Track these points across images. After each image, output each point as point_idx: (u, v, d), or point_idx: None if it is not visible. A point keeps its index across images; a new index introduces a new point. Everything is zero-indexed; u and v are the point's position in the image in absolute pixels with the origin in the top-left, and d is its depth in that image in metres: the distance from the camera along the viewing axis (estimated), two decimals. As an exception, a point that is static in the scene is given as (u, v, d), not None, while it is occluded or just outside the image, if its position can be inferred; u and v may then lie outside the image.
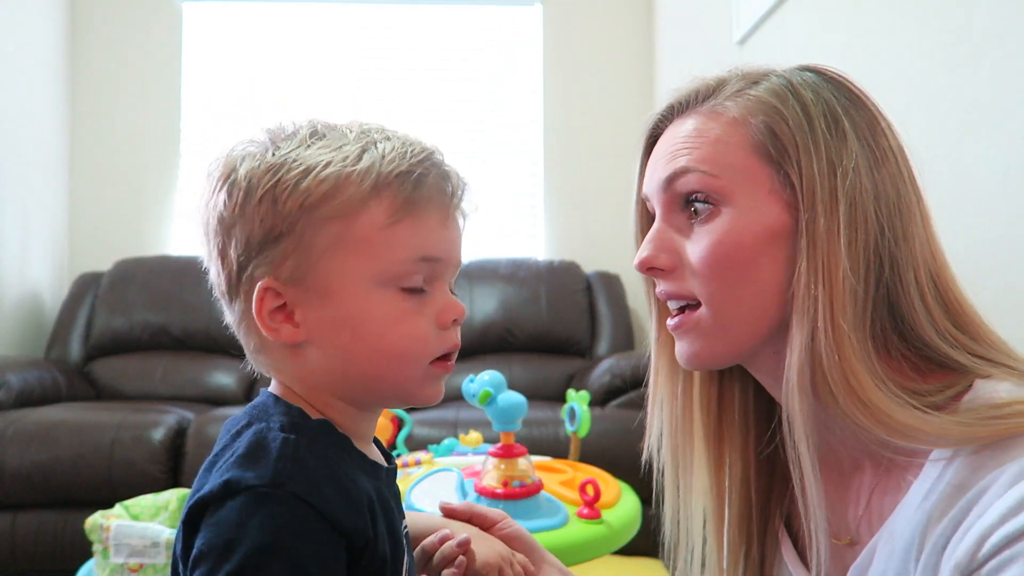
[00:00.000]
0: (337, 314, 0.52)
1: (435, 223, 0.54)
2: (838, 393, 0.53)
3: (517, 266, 3.07)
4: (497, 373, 1.22)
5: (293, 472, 0.47)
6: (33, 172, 3.01)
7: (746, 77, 0.61)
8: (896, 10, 1.47)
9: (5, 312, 2.78)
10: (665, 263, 0.61)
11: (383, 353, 0.52)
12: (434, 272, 0.54)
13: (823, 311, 0.54)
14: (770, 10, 2.02)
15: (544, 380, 2.76)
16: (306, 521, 0.46)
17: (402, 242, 0.52)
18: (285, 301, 0.52)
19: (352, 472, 0.51)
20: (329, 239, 0.51)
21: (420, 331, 0.53)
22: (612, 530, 1.17)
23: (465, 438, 1.51)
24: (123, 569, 1.38)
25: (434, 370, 0.55)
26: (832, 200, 0.55)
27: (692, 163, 0.59)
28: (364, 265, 0.51)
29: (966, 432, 0.49)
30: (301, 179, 0.51)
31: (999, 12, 1.18)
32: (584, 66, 3.39)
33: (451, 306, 0.55)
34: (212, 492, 0.46)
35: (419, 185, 0.52)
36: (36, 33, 3.03)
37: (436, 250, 0.54)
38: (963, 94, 1.26)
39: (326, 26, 3.38)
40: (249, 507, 0.45)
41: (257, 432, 0.49)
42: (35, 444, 2.14)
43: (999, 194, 1.17)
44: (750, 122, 0.58)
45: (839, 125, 0.57)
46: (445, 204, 0.55)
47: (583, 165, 3.33)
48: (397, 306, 0.52)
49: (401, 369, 0.53)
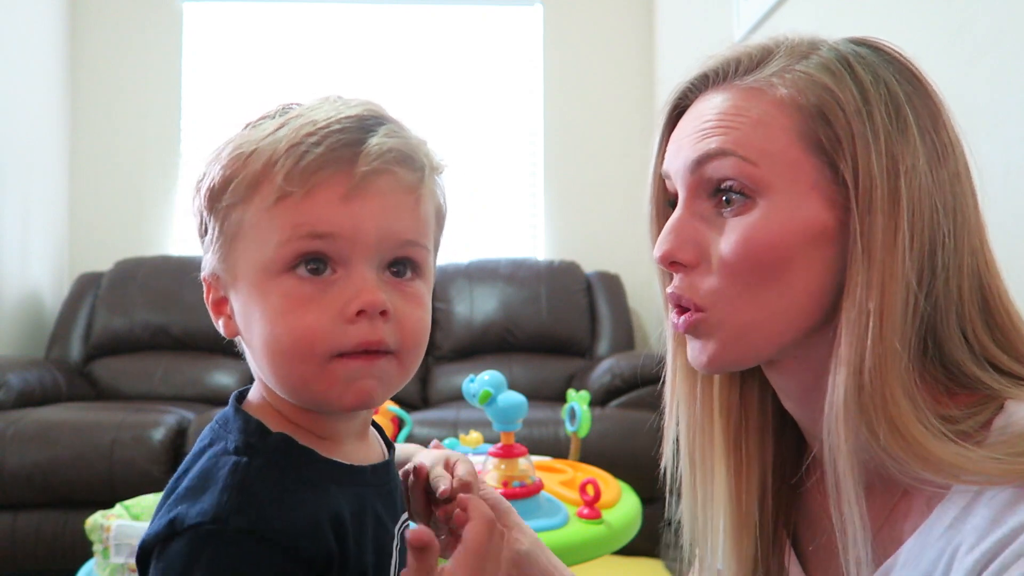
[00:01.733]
0: (244, 306, 0.48)
1: (331, 195, 0.46)
2: (876, 422, 0.48)
3: (517, 266, 3.07)
4: (497, 373, 1.21)
5: (238, 504, 0.43)
6: (33, 172, 3.01)
7: (794, 50, 0.53)
8: (896, 10, 1.47)
9: (5, 312, 2.78)
10: (689, 257, 0.54)
11: (271, 349, 0.47)
12: (337, 250, 0.46)
13: (873, 327, 0.48)
14: (770, 10, 2.02)
15: (544, 380, 2.76)
16: (256, 556, 0.43)
17: (286, 220, 0.46)
18: (223, 293, 0.50)
19: (315, 489, 0.47)
20: (233, 227, 0.47)
21: (307, 322, 0.45)
22: (612, 530, 1.17)
23: (465, 438, 1.51)
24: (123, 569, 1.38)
25: (339, 365, 0.46)
26: (894, 204, 0.49)
27: (729, 145, 0.52)
28: (254, 251, 0.47)
29: (1004, 470, 0.45)
30: (210, 168, 0.48)
31: (998, 12, 1.18)
32: (584, 66, 3.39)
33: (358, 293, 0.46)
34: (156, 534, 0.44)
35: (307, 154, 0.45)
36: (36, 33, 3.03)
37: (330, 224, 0.46)
38: (963, 94, 1.26)
39: (326, 26, 3.38)
40: (193, 549, 0.42)
41: (211, 456, 0.47)
42: (35, 444, 2.14)
43: (999, 194, 1.17)
44: (799, 104, 0.51)
45: (900, 114, 0.50)
46: (348, 174, 0.46)
47: (583, 165, 3.33)
48: (288, 294, 0.46)
49: (293, 367, 0.46)
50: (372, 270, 0.47)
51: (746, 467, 0.63)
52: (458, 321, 2.94)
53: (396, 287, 0.49)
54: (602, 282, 3.08)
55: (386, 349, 0.47)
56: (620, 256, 3.14)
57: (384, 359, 0.48)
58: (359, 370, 0.47)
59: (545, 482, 1.23)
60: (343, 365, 0.46)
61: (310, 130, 0.46)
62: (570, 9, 3.40)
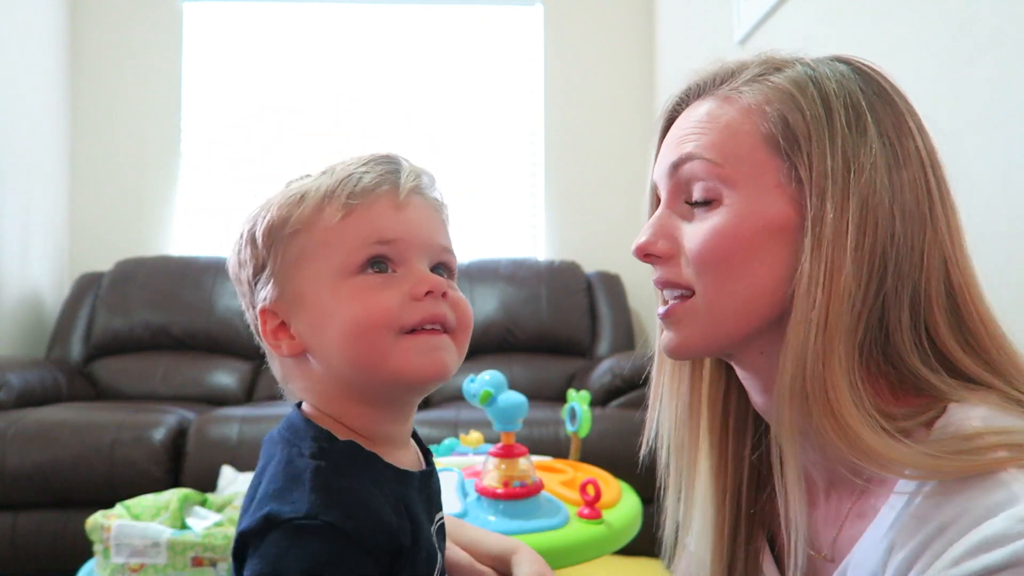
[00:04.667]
0: (315, 315, 0.55)
1: (386, 208, 0.56)
2: (814, 402, 0.51)
3: (518, 266, 3.07)
4: (498, 373, 1.21)
5: (326, 502, 0.49)
6: (34, 172, 3.01)
7: (768, 63, 0.58)
8: (897, 9, 1.47)
9: (6, 312, 2.78)
10: (662, 250, 0.59)
11: (349, 332, 0.54)
12: (399, 253, 0.56)
13: (818, 316, 0.51)
14: (771, 9, 2.02)
15: (545, 380, 2.76)
16: (341, 549, 0.48)
17: (354, 231, 0.55)
18: (281, 318, 0.57)
19: (382, 490, 0.53)
20: (295, 252, 0.56)
21: (381, 302, 0.54)
22: (613, 530, 1.17)
23: (466, 438, 1.51)
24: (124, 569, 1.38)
25: (412, 341, 0.54)
26: (843, 198, 0.52)
27: (697, 149, 0.57)
28: (326, 263, 0.55)
29: (932, 464, 0.47)
30: (268, 212, 0.57)
31: (999, 12, 1.18)
32: (585, 66, 3.39)
33: (423, 279, 0.55)
34: (252, 527, 0.49)
35: (363, 179, 0.56)
36: (37, 33, 3.03)
37: (391, 231, 0.55)
38: (963, 94, 1.26)
39: (326, 26, 3.38)
40: (287, 540, 0.48)
41: (290, 459, 0.53)
42: (36, 444, 2.15)
43: (1000, 194, 1.17)
44: (764, 110, 0.55)
45: (861, 120, 0.54)
46: (396, 191, 0.56)
47: (584, 165, 3.33)
48: (359, 287, 0.54)
49: (371, 344, 0.53)
50: (425, 267, 0.57)
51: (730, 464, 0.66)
52: (458, 321, 2.93)
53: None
54: (602, 282, 3.08)
55: (447, 326, 0.56)
56: (620, 256, 3.13)
57: (445, 336, 0.56)
58: (429, 342, 0.55)
59: (545, 482, 1.23)
60: (414, 339, 0.54)
61: (356, 166, 0.57)
62: (570, 9, 3.40)
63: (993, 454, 0.46)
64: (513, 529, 1.11)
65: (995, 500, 0.44)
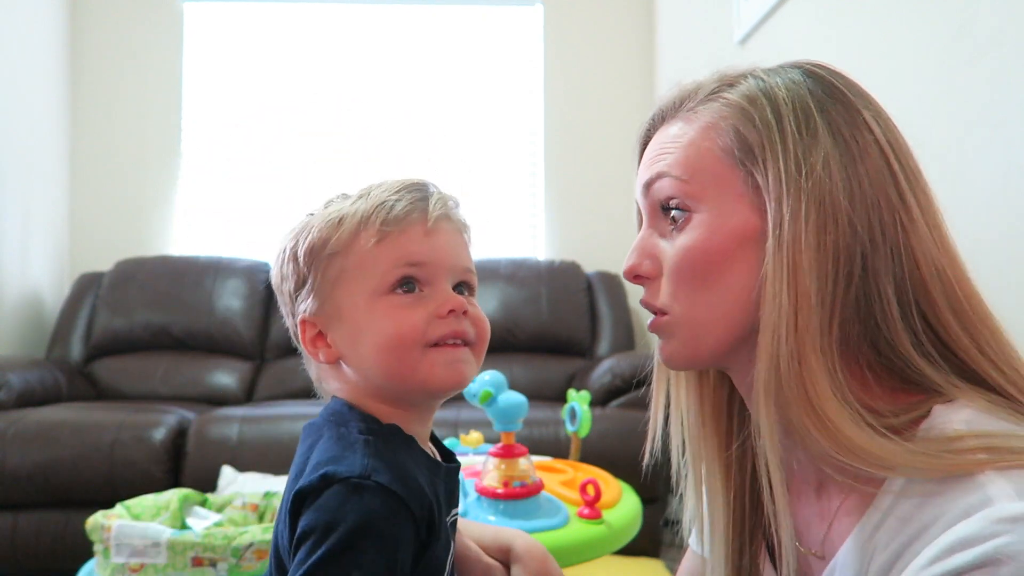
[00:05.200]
0: (351, 328, 0.62)
1: (417, 234, 0.62)
2: (792, 400, 0.52)
3: (518, 266, 3.07)
4: (498, 373, 1.21)
5: (378, 466, 0.55)
6: (34, 172, 3.01)
7: (722, 79, 0.61)
8: (897, 9, 1.47)
9: (6, 312, 2.79)
10: (648, 270, 0.62)
11: (382, 346, 0.60)
12: (427, 274, 0.62)
13: (787, 316, 0.52)
14: (771, 10, 2.02)
15: (545, 380, 2.76)
16: (391, 507, 0.54)
17: (387, 255, 0.61)
18: (320, 329, 0.63)
19: (417, 469, 0.59)
20: (335, 271, 0.62)
21: (410, 320, 0.60)
22: (613, 530, 1.17)
23: (466, 438, 1.51)
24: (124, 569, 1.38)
25: (437, 354, 0.61)
26: (798, 200, 0.53)
27: (664, 168, 0.60)
28: (362, 283, 0.62)
29: (914, 463, 0.48)
30: (310, 233, 0.63)
31: (1000, 12, 1.18)
32: (585, 66, 3.39)
33: (448, 299, 0.61)
34: (311, 483, 0.54)
35: (396, 206, 0.62)
36: (37, 33, 3.03)
37: (420, 255, 0.62)
38: (964, 94, 1.26)
39: (326, 26, 3.38)
40: (345, 494, 0.54)
41: (340, 435, 0.59)
42: (36, 444, 2.15)
43: (1000, 194, 1.17)
44: (720, 126, 0.58)
45: (810, 122, 0.56)
46: (425, 217, 0.63)
47: (584, 165, 3.33)
48: (391, 306, 0.61)
49: (401, 356, 0.60)
50: (449, 287, 0.63)
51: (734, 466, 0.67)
52: (458, 321, 2.93)
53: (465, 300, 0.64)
54: (602, 282, 3.08)
55: (468, 340, 0.63)
56: (620, 256, 3.06)
57: (466, 349, 0.63)
58: (451, 355, 0.62)
59: (546, 482, 1.23)
60: (439, 352, 0.61)
61: (388, 193, 0.63)
62: (570, 9, 3.40)
63: (972, 456, 0.47)
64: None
65: (970, 502, 0.45)
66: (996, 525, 0.43)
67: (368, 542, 0.52)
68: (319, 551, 0.51)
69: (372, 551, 0.52)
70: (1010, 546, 0.42)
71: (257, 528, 1.35)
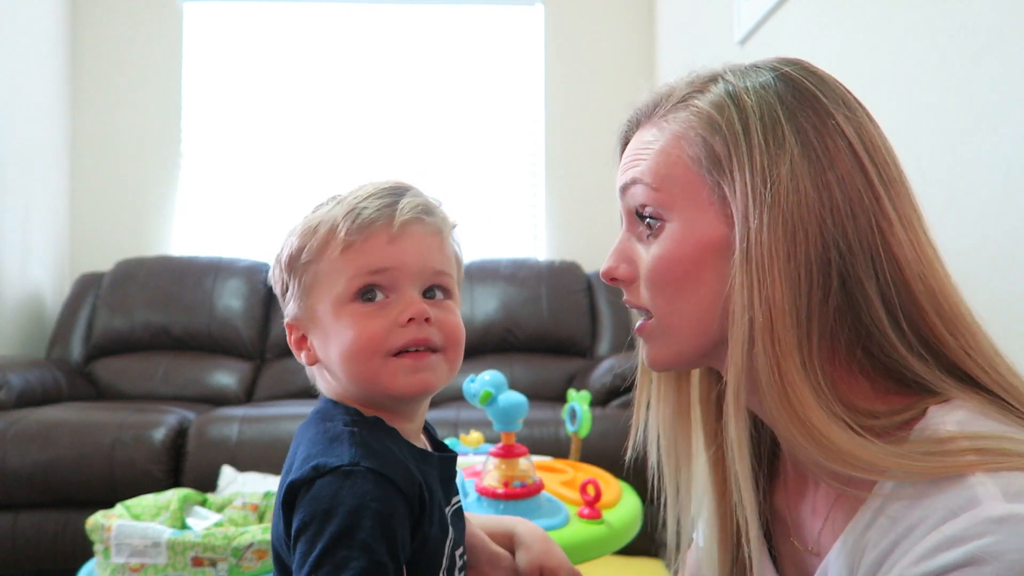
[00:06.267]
0: (323, 334, 0.64)
1: (380, 241, 0.62)
2: (779, 412, 0.52)
3: (518, 266, 3.07)
4: (498, 373, 1.21)
5: (365, 453, 0.57)
6: (34, 172, 3.01)
7: (693, 83, 0.61)
8: (897, 9, 1.47)
9: (6, 312, 2.78)
10: (624, 274, 0.63)
11: (345, 354, 0.62)
12: (390, 281, 0.62)
13: (762, 327, 0.52)
14: (771, 10, 2.02)
15: (545, 380, 2.76)
16: (383, 488, 0.56)
17: (351, 263, 0.62)
18: (302, 332, 0.66)
19: (403, 454, 0.60)
20: (310, 278, 0.64)
21: (370, 329, 0.61)
22: (613, 530, 1.17)
23: (466, 438, 1.51)
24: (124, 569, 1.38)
25: (399, 363, 0.62)
26: (763, 212, 0.53)
27: (637, 174, 0.60)
28: (330, 291, 0.63)
29: (902, 465, 0.48)
30: (291, 240, 0.65)
31: (1000, 10, 1.17)
32: (585, 66, 3.39)
33: (408, 307, 0.62)
34: (303, 476, 0.56)
35: (362, 214, 0.62)
36: (37, 33, 3.03)
37: (382, 262, 0.62)
38: (964, 93, 1.26)
39: (326, 26, 3.38)
40: (337, 482, 0.55)
41: (326, 429, 0.60)
42: (36, 444, 2.15)
43: (1000, 193, 1.17)
44: (688, 135, 0.58)
45: (777, 130, 0.55)
46: (391, 224, 0.62)
47: (584, 165, 3.33)
48: (354, 315, 0.62)
49: (364, 365, 0.61)
50: (416, 293, 0.63)
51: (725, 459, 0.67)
52: (459, 321, 2.93)
53: (433, 304, 0.65)
54: (602, 282, 3.08)
55: (433, 347, 0.63)
56: (620, 256, 3.13)
57: (433, 356, 0.63)
58: (413, 364, 0.62)
59: (546, 482, 1.23)
60: (399, 361, 0.62)
61: (359, 200, 0.63)
62: (571, 9, 3.40)
63: (963, 458, 0.47)
64: (513, 529, 1.11)
65: (958, 502, 0.45)
66: (981, 525, 0.44)
67: (367, 521, 0.54)
68: (323, 539, 0.53)
69: (372, 529, 0.53)
70: (993, 546, 0.43)
71: (257, 528, 1.35)
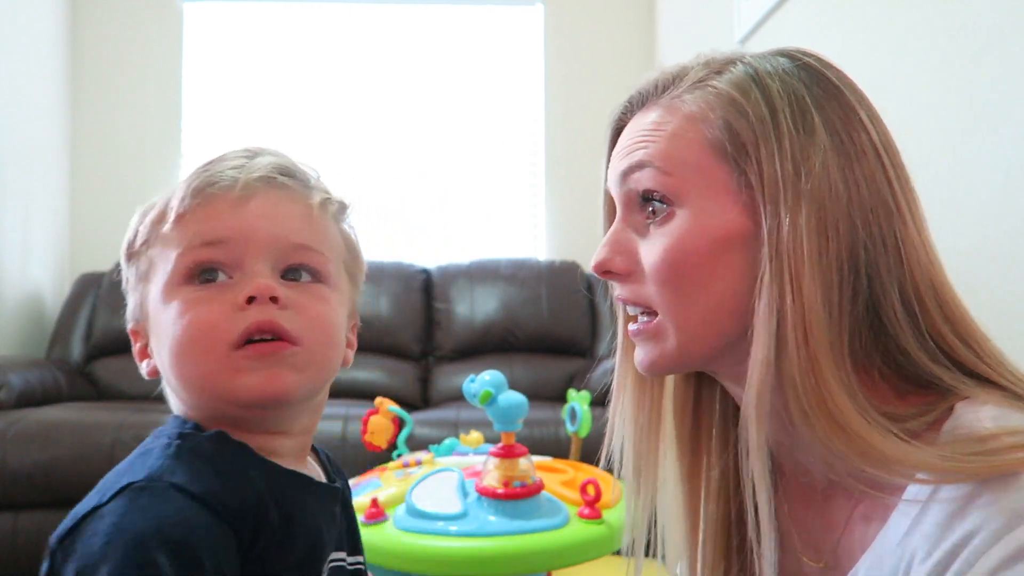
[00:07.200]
0: (154, 335, 0.52)
1: (220, 206, 0.50)
2: (815, 419, 0.48)
3: (518, 266, 3.07)
4: (498, 373, 1.21)
5: (172, 467, 0.45)
6: (34, 172, 3.01)
7: (709, 65, 0.56)
8: (898, 8, 1.46)
9: (6, 312, 2.78)
10: (620, 267, 0.58)
11: (174, 352, 0.49)
12: (231, 256, 0.50)
13: (793, 329, 0.49)
14: (771, 9, 2.02)
15: (545, 380, 2.75)
16: (189, 510, 0.43)
17: (183, 235, 0.50)
18: (146, 340, 0.53)
19: (243, 472, 0.48)
20: (144, 267, 0.53)
21: (204, 316, 0.48)
22: (613, 530, 1.16)
23: (466, 438, 1.51)
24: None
25: (243, 356, 0.48)
26: (797, 204, 0.50)
27: (647, 157, 0.55)
28: (160, 276, 0.51)
29: (950, 467, 0.45)
30: (131, 225, 0.55)
31: (1000, 10, 1.17)
32: (585, 66, 3.39)
33: (246, 284, 0.49)
34: (87, 506, 0.45)
35: (198, 179, 0.51)
36: (37, 33, 3.03)
37: (220, 231, 0.49)
38: (965, 92, 1.26)
39: (326, 26, 3.37)
40: (128, 502, 0.43)
41: (142, 449, 0.50)
42: (36, 444, 2.14)
43: (1000, 193, 1.17)
44: (708, 117, 0.53)
45: (807, 119, 0.51)
46: (232, 186, 0.50)
47: (584, 165, 3.33)
48: (185, 301, 0.49)
49: (198, 362, 0.48)
50: (266, 270, 0.50)
51: (706, 468, 0.64)
52: (459, 321, 2.93)
53: (293, 287, 0.51)
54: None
55: (285, 336, 0.49)
56: (621, 256, 3.12)
57: (288, 349, 0.49)
58: (262, 358, 0.48)
59: (546, 482, 1.22)
60: (245, 354, 0.48)
61: (202, 165, 0.52)
62: (571, 9, 3.40)
63: (1011, 456, 0.44)
64: (513, 529, 1.11)
65: (1021, 505, 0.42)
66: None
67: (160, 556, 0.40)
68: None
69: (168, 566, 0.40)
70: None
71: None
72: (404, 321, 2.92)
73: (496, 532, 1.10)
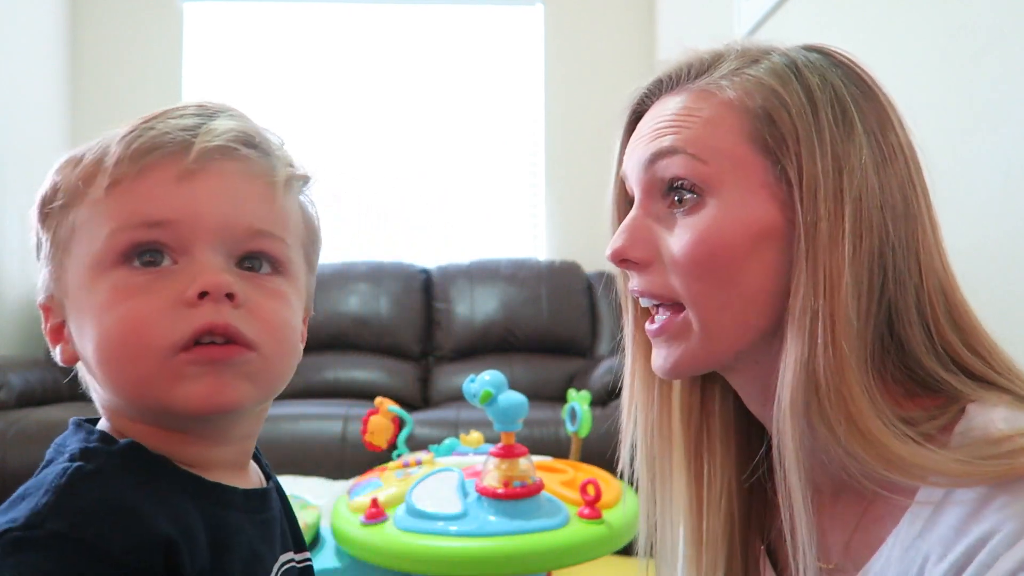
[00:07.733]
0: (77, 317, 0.43)
1: (164, 176, 0.42)
2: (836, 421, 0.47)
3: (518, 266, 3.07)
4: (498, 373, 1.21)
5: (58, 506, 0.37)
6: (34, 172, 3.00)
7: (745, 54, 0.54)
8: (898, 8, 1.47)
9: (6, 312, 2.78)
10: (640, 256, 0.55)
11: (102, 350, 0.41)
12: (177, 239, 0.41)
13: (824, 328, 0.48)
14: (771, 9, 2.02)
15: (545, 380, 2.75)
16: (71, 563, 0.35)
17: (118, 209, 0.41)
18: (61, 318, 0.45)
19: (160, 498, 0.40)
20: (65, 233, 0.43)
21: (138, 311, 0.40)
22: (613, 530, 1.16)
23: (466, 438, 1.51)
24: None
25: (186, 363, 0.40)
26: (837, 203, 0.48)
27: (679, 143, 0.52)
28: (85, 249, 0.42)
29: (968, 471, 0.44)
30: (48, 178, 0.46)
31: (1000, 10, 1.17)
32: (585, 66, 3.39)
33: (198, 277, 0.41)
34: None
35: (139, 138, 0.42)
36: (37, 33, 3.03)
37: (165, 209, 0.41)
38: (965, 92, 1.26)
39: (326, 26, 3.37)
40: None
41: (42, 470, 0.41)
42: (36, 444, 2.14)
43: (1000, 193, 1.17)
44: (747, 105, 0.51)
45: (847, 116, 0.50)
46: (182, 152, 0.42)
47: (584, 165, 3.32)
48: (117, 288, 0.41)
49: (129, 367, 0.41)
50: (218, 258, 0.42)
51: (708, 473, 0.62)
52: (459, 321, 2.93)
53: (250, 280, 0.43)
54: (604, 281, 3.08)
55: (240, 340, 0.41)
56: (621, 256, 3.12)
57: (242, 355, 0.42)
58: (211, 365, 0.40)
59: (546, 482, 1.22)
60: (189, 359, 0.40)
61: (145, 119, 0.43)
62: (571, 9, 3.40)
63: None
64: (513, 529, 1.11)
65: None
66: None
67: None
68: None
69: None
70: None
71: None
72: (404, 321, 2.92)
73: (496, 532, 1.10)
